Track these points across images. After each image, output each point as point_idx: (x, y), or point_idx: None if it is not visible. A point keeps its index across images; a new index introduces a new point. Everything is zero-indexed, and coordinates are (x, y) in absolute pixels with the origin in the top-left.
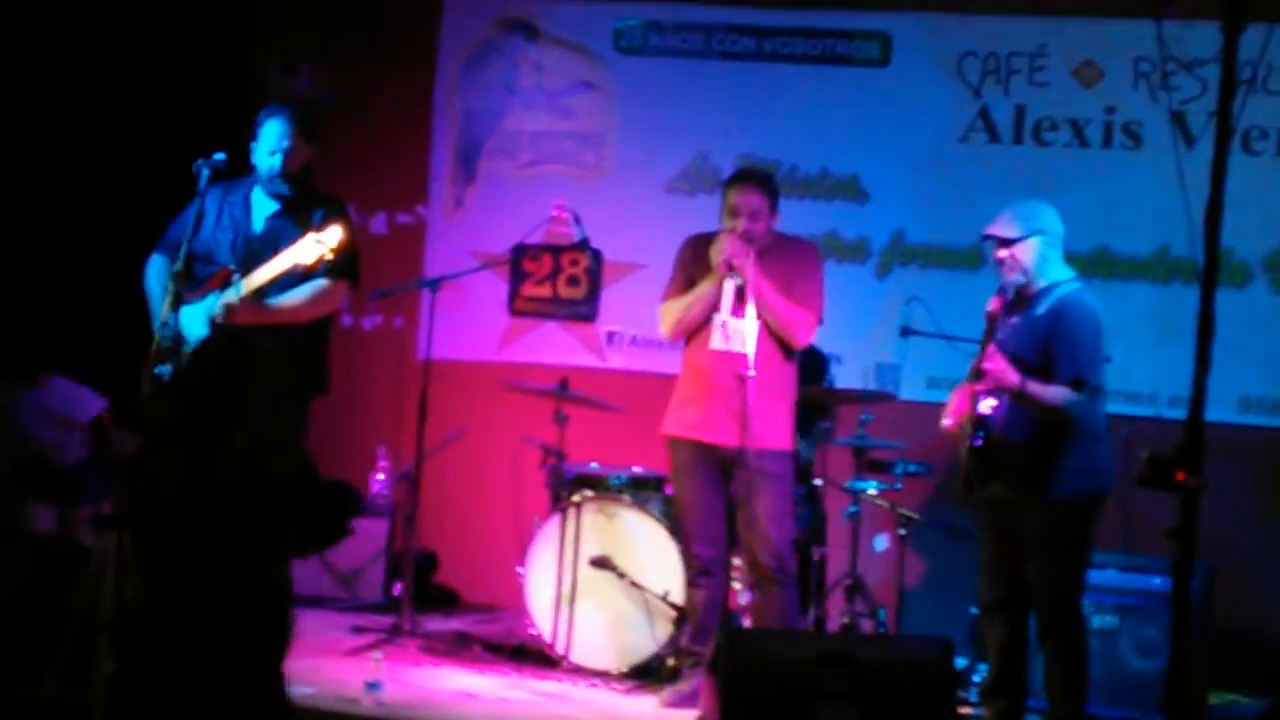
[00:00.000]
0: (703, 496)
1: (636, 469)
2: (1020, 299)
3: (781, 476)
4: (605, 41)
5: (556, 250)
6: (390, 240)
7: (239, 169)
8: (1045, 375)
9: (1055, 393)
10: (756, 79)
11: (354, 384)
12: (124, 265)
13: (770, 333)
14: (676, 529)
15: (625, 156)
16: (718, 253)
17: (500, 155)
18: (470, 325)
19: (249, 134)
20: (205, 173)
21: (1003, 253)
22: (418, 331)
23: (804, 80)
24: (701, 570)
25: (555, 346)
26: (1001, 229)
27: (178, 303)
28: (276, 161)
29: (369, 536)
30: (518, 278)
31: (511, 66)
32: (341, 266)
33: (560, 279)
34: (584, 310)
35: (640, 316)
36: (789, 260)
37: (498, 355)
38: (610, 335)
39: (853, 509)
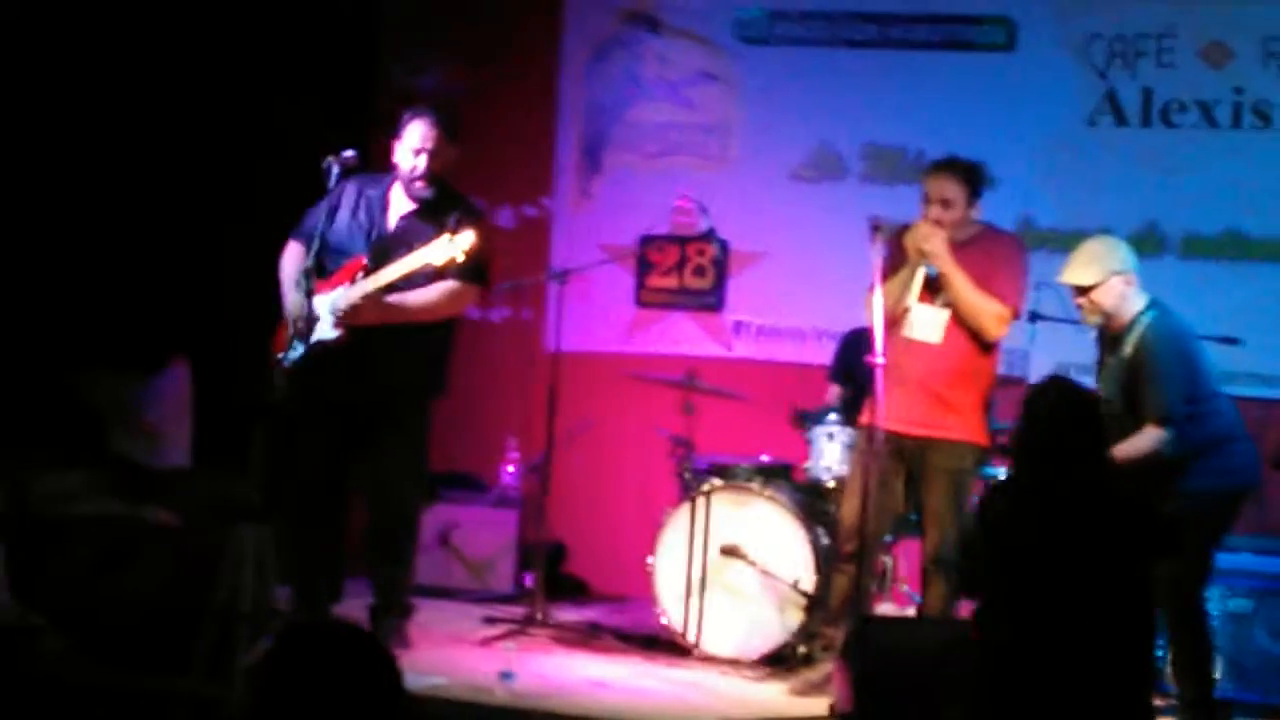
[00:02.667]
0: (870, 482)
1: (765, 457)
2: (1107, 339)
3: (961, 471)
4: (728, 32)
5: (682, 241)
6: (517, 233)
7: (368, 166)
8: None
9: (1141, 443)
10: (881, 66)
11: (483, 376)
12: (253, 254)
13: (962, 322)
14: (806, 516)
15: (749, 146)
16: (912, 240)
17: (625, 147)
18: (597, 317)
19: (376, 130)
20: (335, 170)
21: (1081, 299)
22: (545, 323)
23: (929, 66)
24: (847, 556)
25: (682, 337)
26: (1077, 276)
27: (310, 293)
28: (420, 162)
29: (500, 527)
30: (644, 269)
31: (635, 59)
32: (472, 270)
33: (686, 269)
34: (710, 300)
35: (767, 305)
36: (989, 252)
37: (625, 346)
38: (737, 325)
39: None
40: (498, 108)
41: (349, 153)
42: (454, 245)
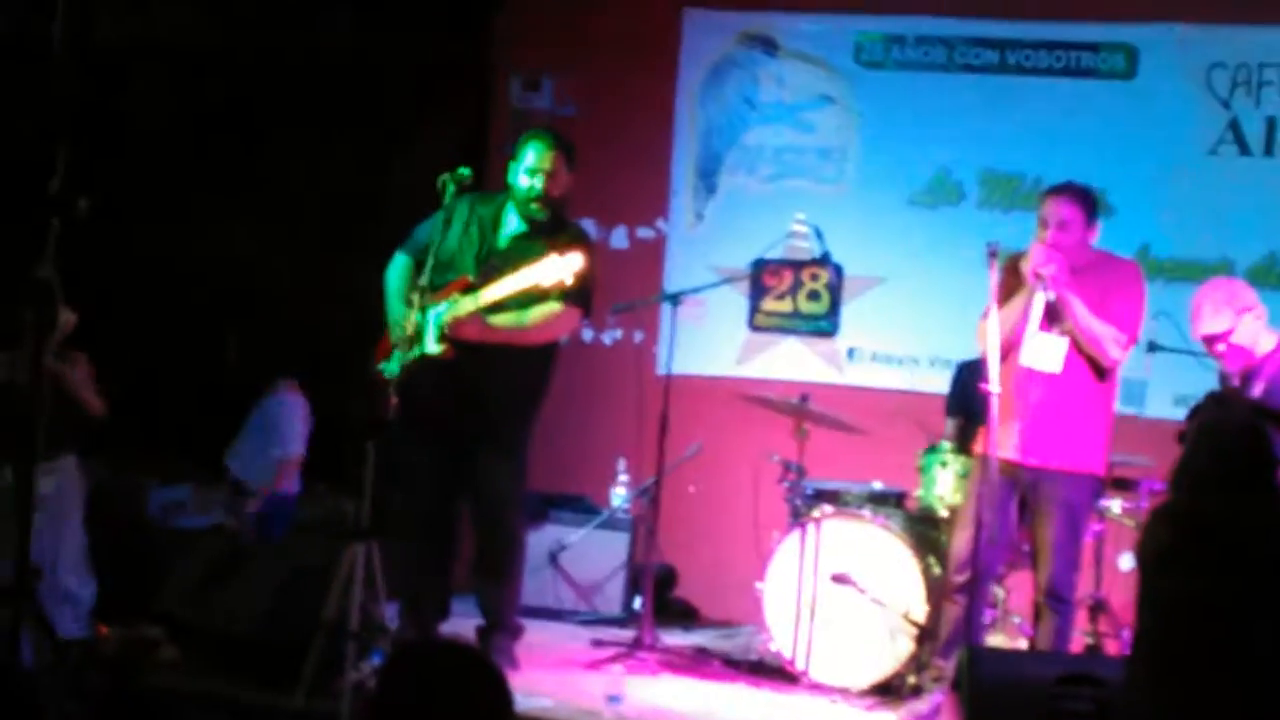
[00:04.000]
0: (985, 513)
1: (877, 484)
2: (1243, 379)
3: (1077, 503)
4: (846, 55)
5: (797, 265)
6: (630, 254)
7: (481, 184)
8: None
9: None
10: (1000, 92)
11: (595, 398)
12: (368, 271)
13: (1081, 349)
14: (918, 545)
15: (866, 170)
16: (1028, 264)
17: (740, 169)
18: (710, 340)
19: (489, 147)
20: (451, 187)
21: (1220, 347)
22: (658, 346)
23: (1048, 93)
24: (959, 586)
25: (795, 362)
26: (1211, 324)
27: (424, 308)
28: (538, 183)
29: (610, 550)
30: (758, 292)
31: (752, 80)
32: (577, 293)
33: (801, 294)
34: (825, 325)
35: (881, 331)
36: (1106, 278)
37: (737, 370)
38: (851, 350)
39: (1096, 528)
40: (613, 128)
41: (464, 170)
42: (562, 267)
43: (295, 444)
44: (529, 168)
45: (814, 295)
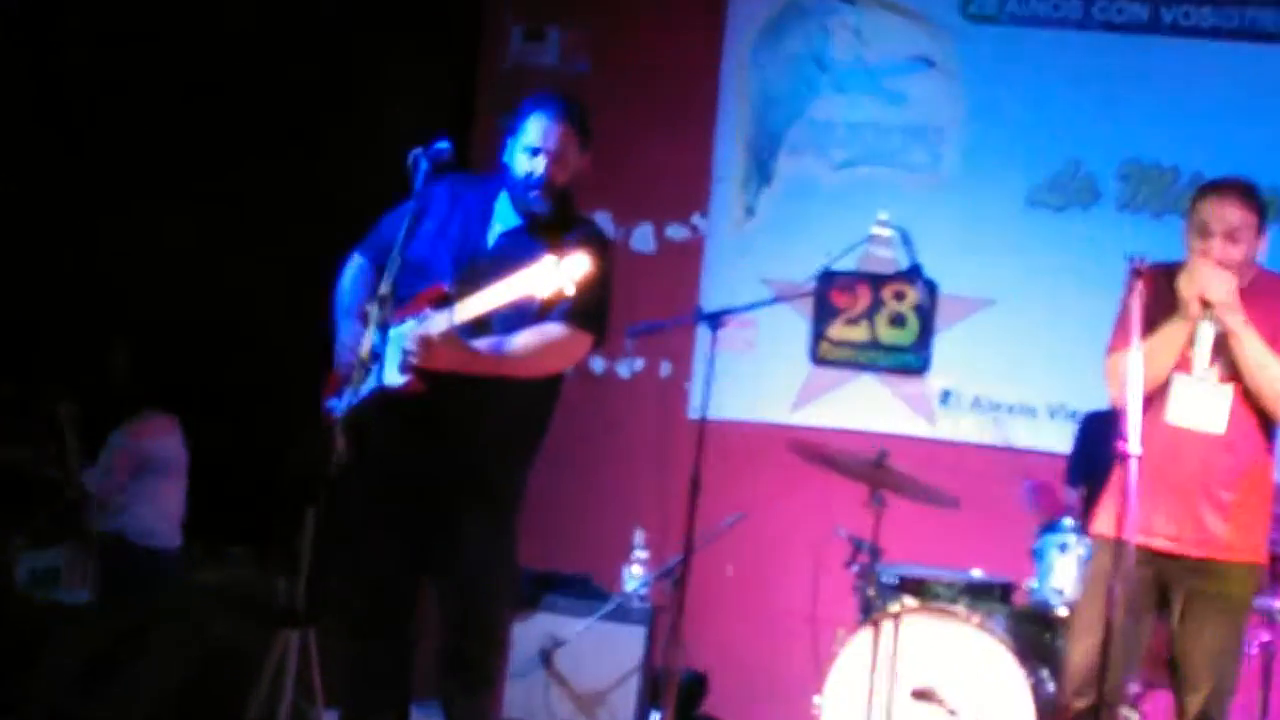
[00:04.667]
0: (1116, 615)
1: (975, 572)
2: None
3: (1239, 604)
4: (950, 5)
5: (877, 279)
6: (658, 260)
7: (466, 163)
8: None
9: None
10: (1150, 59)
11: (606, 449)
12: (306, 273)
13: (1251, 401)
14: (1027, 654)
15: (973, 157)
16: (1189, 285)
17: (806, 152)
18: (760, 376)
19: (477, 115)
20: (424, 165)
21: None
22: (690, 381)
23: (1212, 62)
24: (1080, 712)
25: (871, 407)
26: None
27: (384, 326)
28: (539, 166)
29: (620, 649)
30: (824, 314)
31: (823, 35)
32: (585, 311)
33: (881, 317)
34: (911, 360)
35: (987, 369)
36: (1274, 302)
37: (795, 416)
38: (945, 394)
39: (1264, 637)
40: (637, 94)
41: (442, 144)
42: (562, 271)
43: (106, 477)
44: (529, 145)
45: (898, 320)
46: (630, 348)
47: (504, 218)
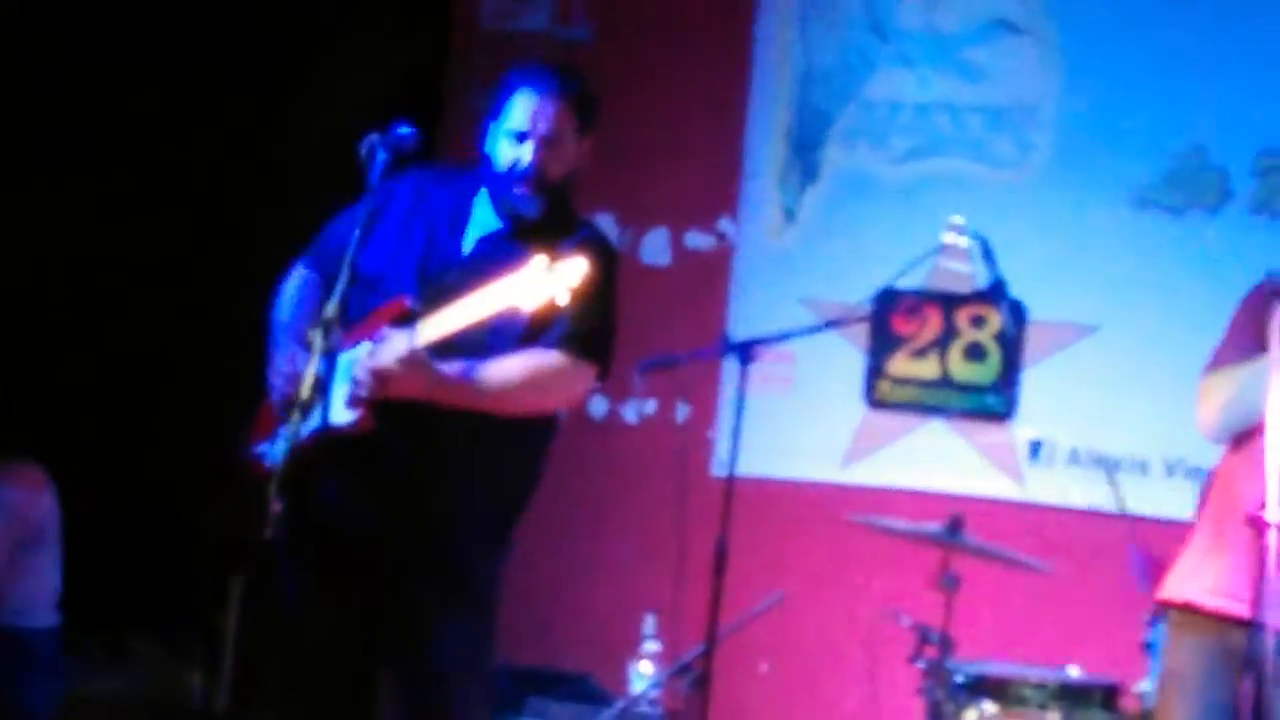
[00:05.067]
0: (1210, 706)
1: (1073, 671)
2: None
3: None
4: None
5: (950, 301)
6: (674, 275)
7: (434, 151)
8: None
9: None
10: None
11: (609, 512)
12: (232, 288)
13: None
14: None
15: (1069, 147)
16: None
17: (860, 140)
18: (803, 421)
19: (447, 91)
20: (381, 156)
21: None
22: (714, 429)
23: None
24: None
25: (942, 462)
26: None
27: (330, 352)
28: (527, 154)
29: None
30: (884, 344)
31: None
32: (585, 334)
33: (955, 349)
34: (993, 402)
35: (1087, 414)
36: None
37: (846, 473)
38: (1035, 445)
39: None
40: (651, 67)
41: (404, 130)
42: (555, 277)
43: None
44: (514, 130)
45: (977, 352)
46: (640, 386)
47: (483, 220)
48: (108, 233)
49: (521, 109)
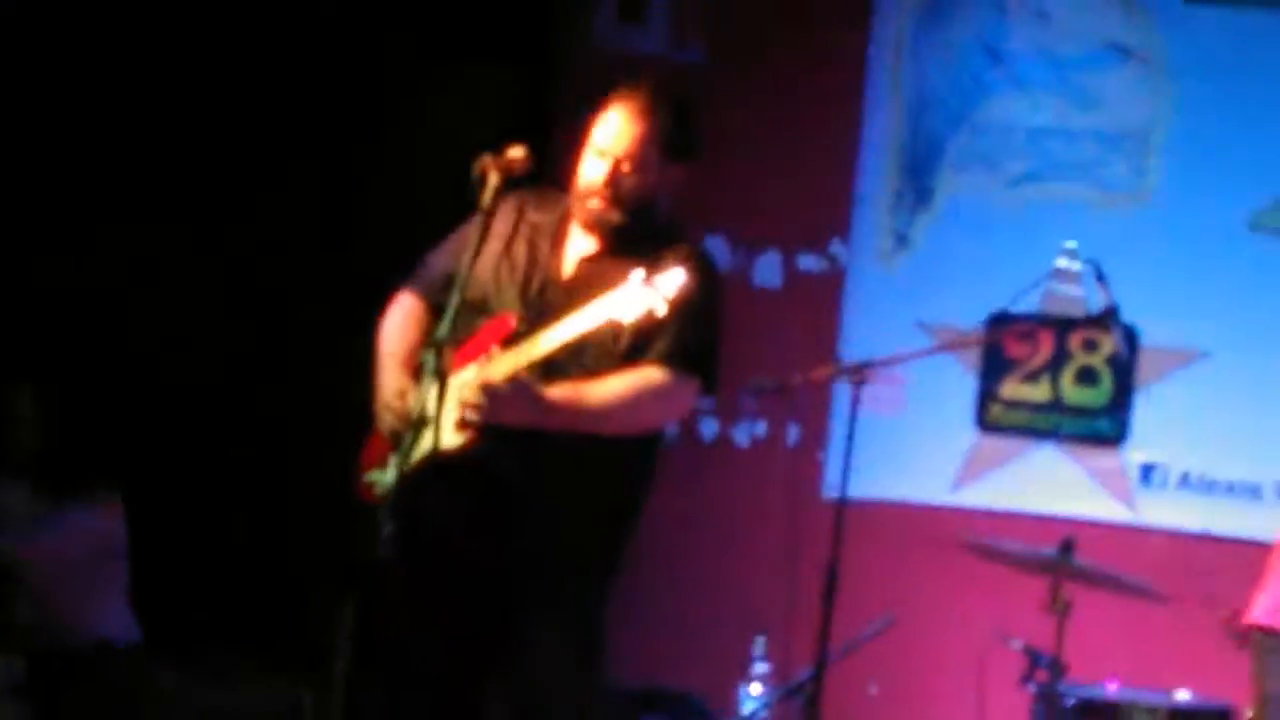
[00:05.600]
0: None
1: (1183, 694)
2: None
3: None
4: None
5: (1063, 325)
6: (786, 298)
7: (546, 176)
8: None
9: None
10: None
11: (719, 534)
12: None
13: None
14: None
15: (1184, 172)
16: None
17: (974, 164)
18: (914, 444)
19: (558, 112)
20: (492, 180)
21: None
22: (825, 451)
23: None
24: None
25: (1054, 485)
26: None
27: (441, 375)
28: (602, 173)
29: None
30: (995, 368)
31: (998, 16)
32: (686, 348)
33: (1067, 373)
34: (1105, 427)
35: (1201, 439)
36: None
37: (957, 496)
38: (1148, 470)
39: None
40: (763, 91)
41: (516, 151)
42: (654, 290)
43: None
44: (598, 146)
45: (1089, 376)
46: (750, 407)
47: (579, 240)
48: (218, 265)
49: (604, 126)
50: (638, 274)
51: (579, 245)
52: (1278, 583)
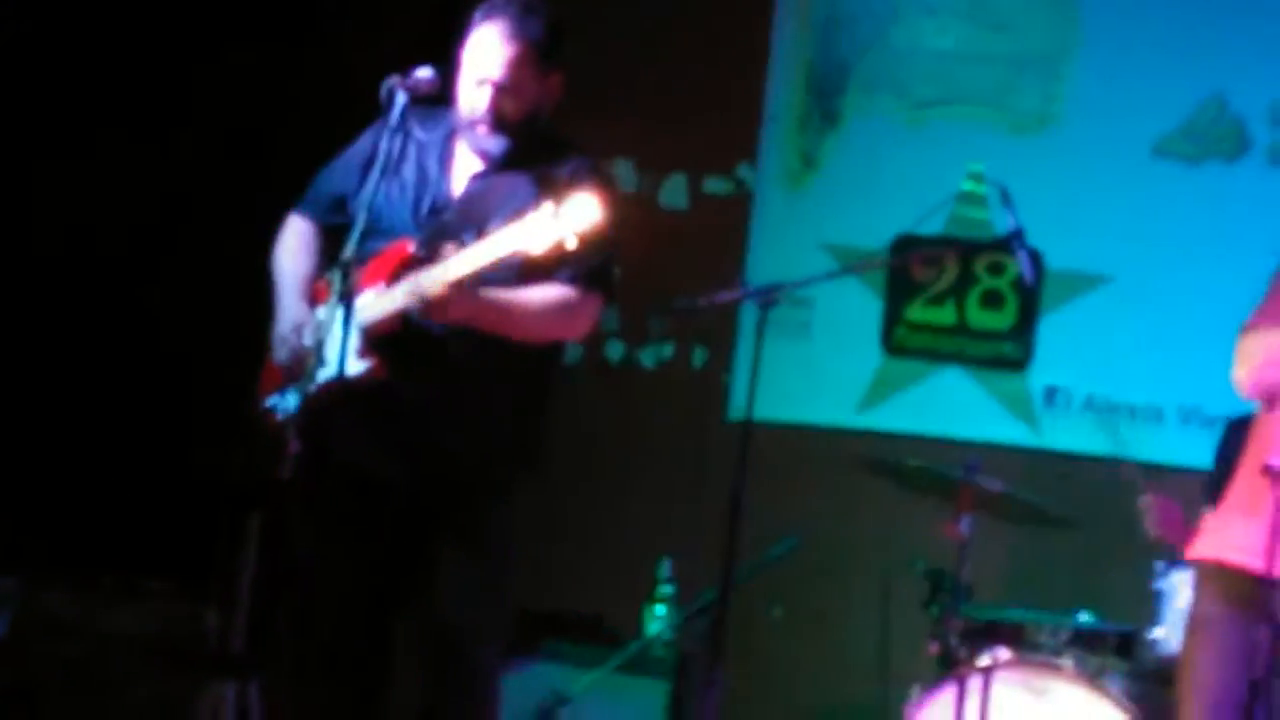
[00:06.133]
0: (1232, 669)
1: (1084, 617)
2: None
3: None
4: None
5: (968, 248)
6: (693, 220)
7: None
8: None
9: None
10: None
11: (625, 457)
12: (246, 238)
13: None
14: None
15: (1089, 96)
16: None
17: (881, 86)
18: (820, 367)
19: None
20: (401, 98)
21: None
22: (731, 373)
23: None
24: None
25: (958, 408)
26: None
27: (346, 298)
28: (482, 99)
29: (639, 707)
30: (900, 291)
31: None
32: (592, 269)
33: (972, 296)
34: (1009, 349)
35: (1102, 363)
36: None
37: (862, 418)
38: (1051, 392)
39: None
40: (666, 9)
41: (424, 73)
42: (561, 221)
43: None
44: (474, 73)
45: (993, 299)
46: (657, 330)
47: (465, 158)
48: (124, 181)
49: (476, 52)
50: (549, 207)
51: (467, 162)
52: (1219, 516)
